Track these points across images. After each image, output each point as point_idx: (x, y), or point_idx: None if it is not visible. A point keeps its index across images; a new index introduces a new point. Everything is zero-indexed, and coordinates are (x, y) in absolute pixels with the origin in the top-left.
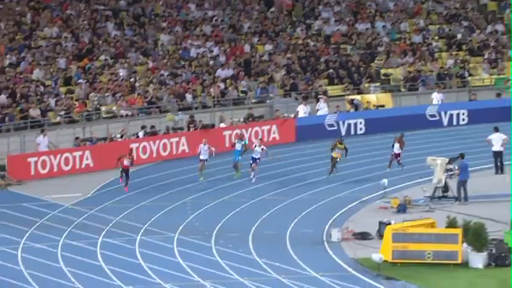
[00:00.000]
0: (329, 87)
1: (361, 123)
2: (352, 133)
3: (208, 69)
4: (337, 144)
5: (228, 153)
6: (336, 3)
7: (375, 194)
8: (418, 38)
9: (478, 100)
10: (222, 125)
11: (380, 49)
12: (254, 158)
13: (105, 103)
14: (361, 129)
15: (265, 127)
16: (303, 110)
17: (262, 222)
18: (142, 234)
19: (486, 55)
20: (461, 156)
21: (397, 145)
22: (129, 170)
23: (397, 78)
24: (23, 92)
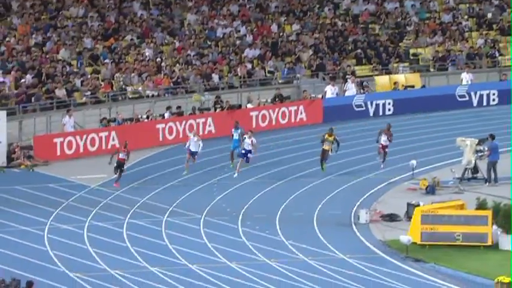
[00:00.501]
0: (357, 68)
1: (389, 104)
2: (380, 114)
3: (235, 49)
4: (326, 136)
5: (255, 134)
6: None
7: (404, 175)
8: (447, 17)
9: (509, 80)
10: (249, 105)
11: (409, 28)
12: (246, 150)
13: (131, 83)
14: (389, 109)
15: (292, 108)
16: (330, 90)
17: (289, 204)
18: (169, 215)
19: None
20: (491, 137)
21: (384, 137)
22: (124, 163)
23: (426, 58)
24: (49, 72)
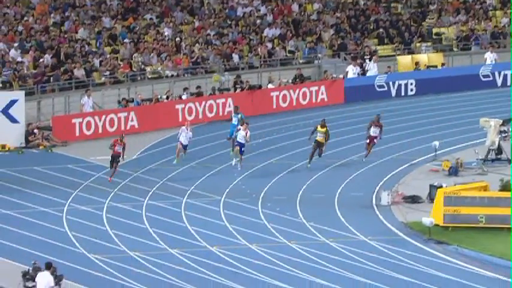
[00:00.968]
0: (379, 47)
1: (411, 84)
2: (402, 94)
3: (255, 28)
4: (318, 127)
5: (275, 114)
6: None
7: (426, 157)
8: None
9: None
10: (270, 85)
11: (432, 7)
12: (240, 144)
13: (150, 63)
14: (411, 90)
15: (313, 88)
16: (352, 70)
17: (310, 185)
18: (188, 196)
19: None
20: None
21: (374, 129)
22: (119, 156)
23: (450, 38)
24: (68, 52)
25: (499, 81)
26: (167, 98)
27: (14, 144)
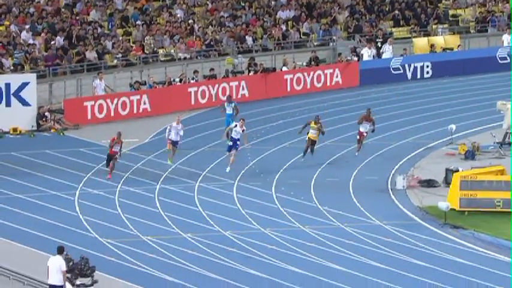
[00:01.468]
0: (394, 29)
1: (427, 67)
2: (418, 77)
3: (269, 10)
4: (312, 123)
5: (289, 98)
6: None
7: (442, 140)
8: None
9: None
10: (285, 68)
11: None
12: (234, 139)
13: (162, 46)
14: (427, 72)
15: (328, 71)
16: (367, 52)
17: (324, 169)
18: (201, 180)
19: None
20: None
21: (365, 124)
22: (116, 156)
23: (466, 19)
24: (79, 34)
25: None
26: (180, 81)
27: (26, 127)
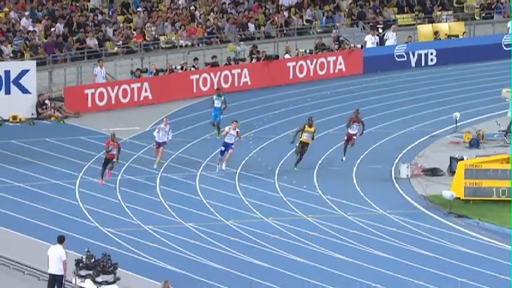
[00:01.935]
0: (398, 16)
1: (432, 54)
2: (422, 64)
3: None
4: (306, 127)
5: (292, 85)
6: None
7: (446, 128)
8: None
9: None
10: (287, 56)
11: None
12: (226, 144)
13: (163, 33)
14: (432, 60)
15: (331, 58)
16: (370, 40)
17: (327, 158)
18: (203, 169)
19: None
20: None
21: (353, 125)
22: (113, 159)
23: (471, 6)
24: (80, 21)
25: None
26: (182, 68)
27: (26, 115)
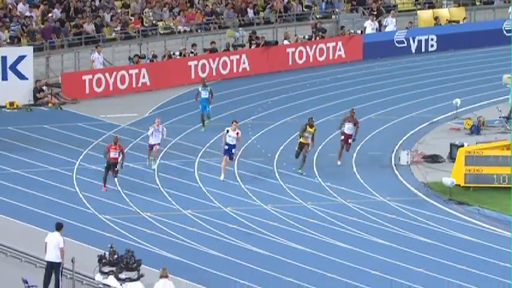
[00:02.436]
0: (399, 1)
1: (432, 40)
2: (423, 50)
3: None
4: (307, 127)
5: (291, 71)
6: None
7: (447, 115)
8: None
9: None
10: (286, 42)
11: None
12: (230, 145)
13: (162, 18)
14: (432, 45)
15: (331, 44)
16: (370, 25)
17: (326, 145)
18: (201, 156)
19: None
20: None
21: (348, 125)
22: (117, 163)
23: None
24: (77, 7)
25: None
26: (180, 54)
27: (23, 101)
